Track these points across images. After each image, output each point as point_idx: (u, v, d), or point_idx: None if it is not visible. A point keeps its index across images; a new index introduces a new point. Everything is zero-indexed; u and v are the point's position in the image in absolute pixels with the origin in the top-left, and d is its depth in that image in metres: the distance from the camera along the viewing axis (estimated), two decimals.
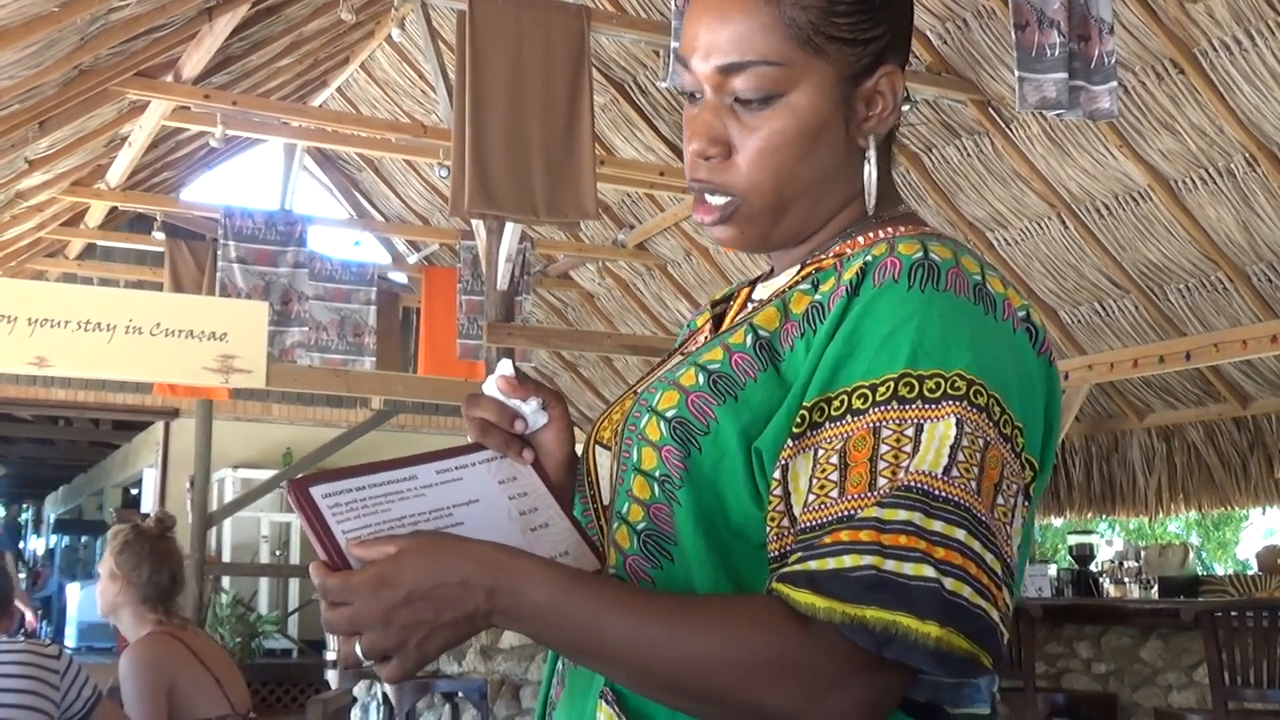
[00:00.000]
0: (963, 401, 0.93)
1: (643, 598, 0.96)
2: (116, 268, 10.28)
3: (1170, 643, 6.12)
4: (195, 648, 3.30)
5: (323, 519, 0.97)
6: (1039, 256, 7.24)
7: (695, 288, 9.60)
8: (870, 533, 0.89)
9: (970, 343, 0.96)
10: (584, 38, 5.63)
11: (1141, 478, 8.20)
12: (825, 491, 0.94)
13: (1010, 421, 0.95)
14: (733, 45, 1.06)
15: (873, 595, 0.87)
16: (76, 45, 5.93)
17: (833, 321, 0.99)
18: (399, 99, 9.78)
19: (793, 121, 1.06)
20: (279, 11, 7.45)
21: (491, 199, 5.35)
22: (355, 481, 1.00)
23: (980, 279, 1.01)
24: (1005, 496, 0.93)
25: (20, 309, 6.75)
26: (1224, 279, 6.68)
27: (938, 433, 0.92)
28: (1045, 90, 5.08)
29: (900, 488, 0.90)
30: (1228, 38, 5.61)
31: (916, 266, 0.99)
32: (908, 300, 0.97)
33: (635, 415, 1.07)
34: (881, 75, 1.08)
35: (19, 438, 15.59)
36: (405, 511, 1.00)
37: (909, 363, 0.95)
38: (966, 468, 0.91)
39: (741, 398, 1.01)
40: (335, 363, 8.98)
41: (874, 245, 1.04)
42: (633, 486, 1.05)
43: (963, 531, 0.88)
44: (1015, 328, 1.01)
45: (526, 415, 1.12)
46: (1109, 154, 6.41)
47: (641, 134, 8.36)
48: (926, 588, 0.86)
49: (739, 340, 1.05)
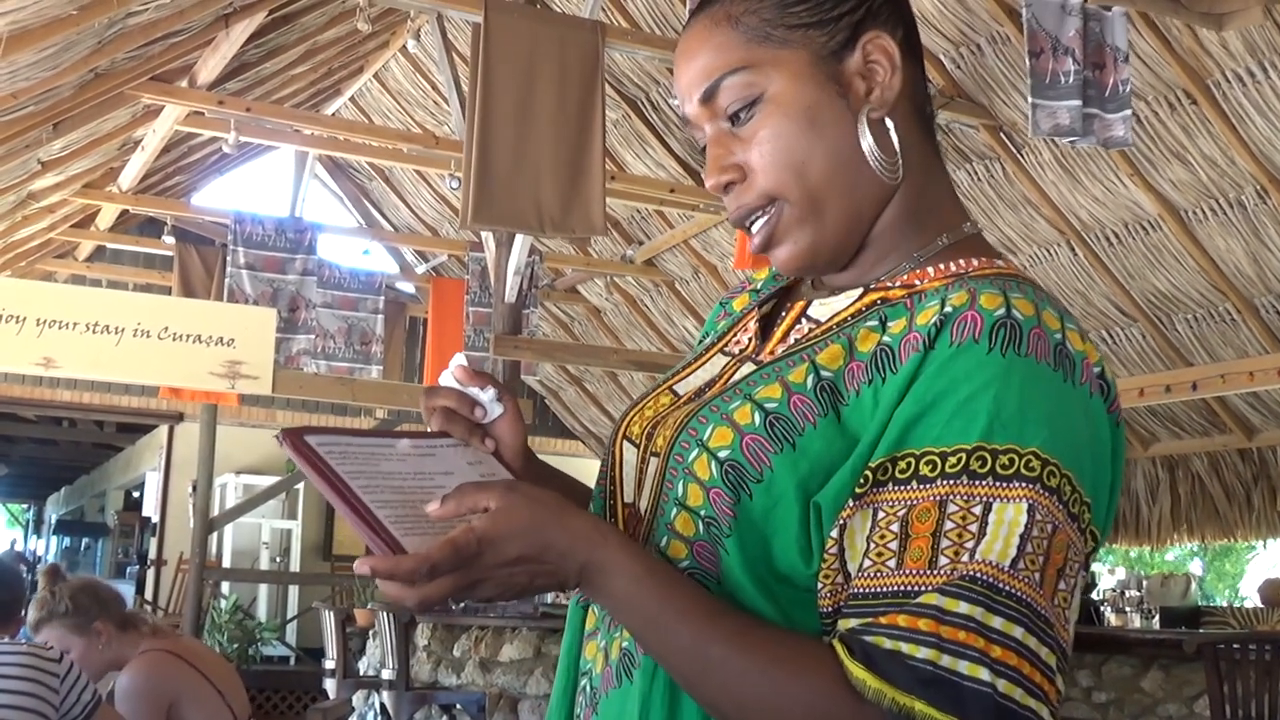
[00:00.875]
0: (1035, 485, 0.90)
1: (710, 612, 0.95)
2: (126, 270, 10.32)
3: (1171, 674, 6.07)
4: (194, 660, 3.30)
5: (325, 462, 0.98)
6: (1047, 283, 7.18)
7: (703, 305, 9.62)
8: (930, 623, 0.88)
9: (1048, 417, 0.93)
10: (598, 53, 5.64)
11: (1145, 507, 8.20)
12: (883, 560, 0.92)
13: (1079, 500, 0.93)
14: (702, 73, 1.08)
15: (924, 690, 0.86)
16: (93, 48, 5.97)
17: (906, 377, 0.96)
18: (411, 109, 9.82)
19: (782, 115, 1.05)
20: (295, 20, 7.51)
21: (496, 211, 5.36)
22: (341, 438, 1.02)
23: (1061, 338, 0.96)
24: (1067, 580, 0.92)
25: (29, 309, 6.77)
26: (1232, 310, 6.70)
27: (1007, 516, 0.90)
28: (1059, 117, 5.08)
29: (964, 577, 0.89)
30: (1241, 69, 5.65)
31: (999, 326, 0.95)
32: (987, 364, 0.94)
33: (683, 445, 1.04)
34: (865, 43, 1.06)
35: (22, 437, 15.60)
36: (392, 469, 1.02)
37: (984, 435, 0.92)
38: (1033, 559, 0.89)
39: (800, 446, 0.99)
40: (341, 371, 8.99)
41: (952, 291, 1.00)
42: (674, 521, 1.03)
43: (1020, 629, 0.87)
44: (1091, 391, 0.97)
45: (485, 403, 1.14)
46: (1120, 182, 6.43)
47: (653, 150, 8.40)
48: (980, 691, 0.85)
49: (799, 380, 1.02)
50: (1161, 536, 8.17)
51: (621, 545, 0.97)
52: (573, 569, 0.95)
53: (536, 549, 0.94)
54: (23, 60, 5.57)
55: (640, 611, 0.95)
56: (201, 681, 3.26)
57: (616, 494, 1.13)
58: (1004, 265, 1.05)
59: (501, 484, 0.98)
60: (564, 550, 0.95)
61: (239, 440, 11.99)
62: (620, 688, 1.04)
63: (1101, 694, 6.31)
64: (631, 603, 0.95)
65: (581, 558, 0.95)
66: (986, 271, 1.03)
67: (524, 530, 0.94)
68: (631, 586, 0.95)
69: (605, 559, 0.95)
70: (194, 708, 3.22)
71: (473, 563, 0.92)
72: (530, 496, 0.97)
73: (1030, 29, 4.94)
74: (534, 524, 0.94)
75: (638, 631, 0.97)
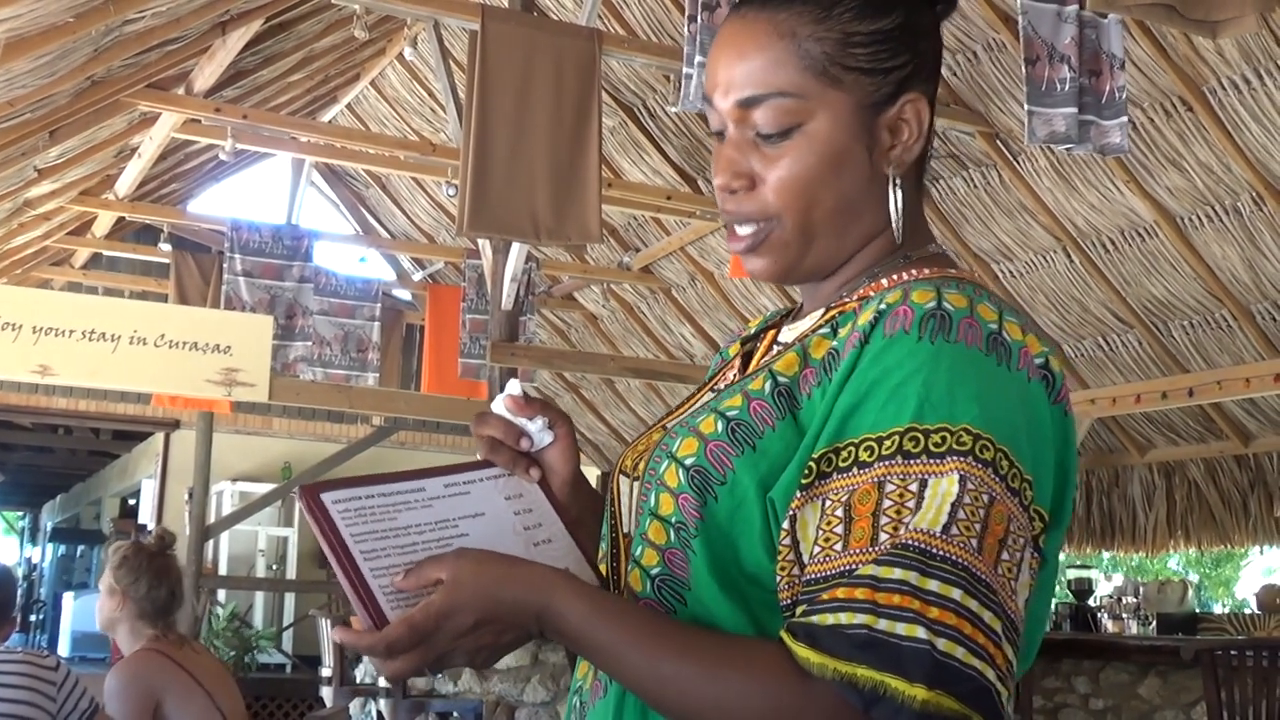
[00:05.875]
0: (967, 457, 0.93)
1: (656, 633, 0.98)
2: (122, 278, 10.30)
3: (1169, 680, 6.08)
4: (184, 663, 3.30)
5: (333, 524, 0.99)
6: (1044, 290, 7.26)
7: (699, 312, 9.62)
8: (866, 590, 0.89)
9: (978, 395, 0.96)
10: (595, 61, 5.65)
11: (1142, 513, 8.19)
12: (830, 544, 0.95)
13: (1019, 475, 0.95)
14: (749, 80, 1.08)
15: (863, 654, 0.87)
16: (90, 56, 5.98)
17: (844, 371, 1.00)
18: (408, 117, 9.83)
19: (812, 151, 1.07)
20: (291, 27, 7.52)
21: (493, 218, 5.37)
22: (364, 490, 1.03)
23: (996, 328, 1.00)
24: (1010, 552, 0.93)
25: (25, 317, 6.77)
26: (1228, 316, 6.69)
27: (940, 489, 0.92)
28: (1055, 124, 5.07)
29: (899, 546, 0.91)
30: (1237, 77, 5.65)
31: (928, 317, 0.99)
32: (916, 352, 0.97)
33: (656, 460, 1.09)
34: (905, 103, 1.09)
35: (18, 445, 15.59)
36: (411, 520, 1.03)
37: (915, 416, 0.95)
38: (967, 525, 0.91)
39: (760, 447, 1.02)
40: (338, 378, 8.99)
41: (890, 292, 1.04)
42: (648, 530, 1.07)
43: (959, 591, 0.88)
44: (1030, 376, 1.00)
45: (532, 433, 1.16)
46: (1116, 189, 6.43)
47: (649, 157, 8.40)
48: (917, 649, 0.86)
49: (758, 387, 1.05)
50: (1158, 543, 8.18)
51: (569, 587, 1.00)
52: (530, 619, 0.99)
53: (490, 611, 0.98)
54: (19, 68, 5.58)
55: (595, 645, 0.98)
56: (188, 681, 3.25)
57: (617, 527, 1.16)
58: (956, 273, 1.08)
59: (452, 555, 1.00)
60: (516, 605, 0.98)
61: (235, 447, 11.99)
62: (605, 698, 1.08)
63: (1099, 701, 6.31)
64: (585, 638, 0.98)
65: (535, 607, 0.98)
66: (933, 277, 1.06)
67: (473, 596, 0.97)
68: (583, 624, 0.98)
69: (555, 603, 0.98)
70: (180, 707, 3.21)
71: (432, 638, 0.96)
72: (477, 561, 1.00)
73: (1026, 36, 4.93)
74: (482, 589, 0.97)
75: (599, 663, 1.01)
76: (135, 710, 3.15)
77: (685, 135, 8.09)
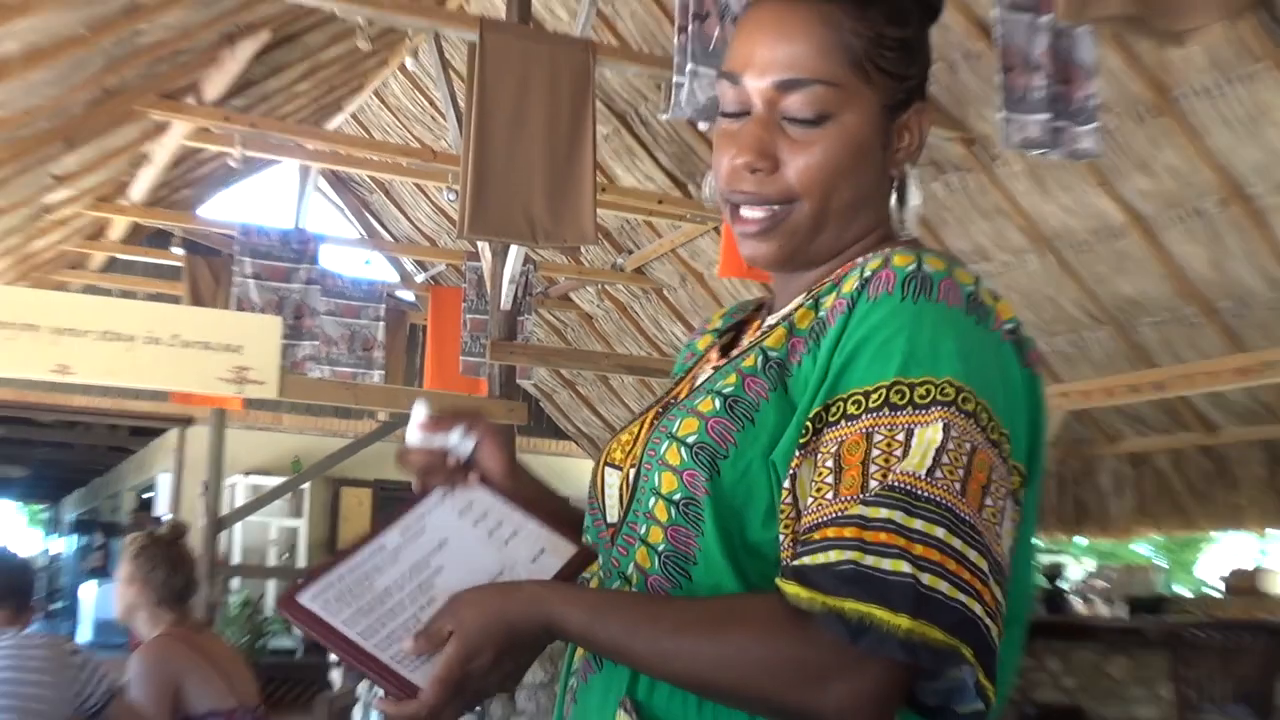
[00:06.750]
0: (950, 407, 0.95)
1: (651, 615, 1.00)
2: (137, 280, 10.22)
3: (1136, 659, 6.14)
4: (202, 647, 3.40)
5: (322, 621, 1.00)
6: (1019, 288, 7.24)
7: (690, 311, 9.66)
8: (853, 529, 0.91)
9: (959, 351, 0.98)
10: (589, 70, 5.65)
11: (1111, 500, 8.16)
12: (821, 494, 0.96)
13: (997, 428, 0.97)
14: (792, 63, 1.08)
15: (849, 588, 0.89)
16: (103, 67, 6.02)
17: (833, 336, 1.02)
18: (410, 124, 9.89)
19: (841, 141, 1.09)
20: (298, 39, 7.59)
21: (490, 222, 5.36)
22: (334, 574, 1.04)
23: (973, 289, 1.02)
24: (994, 499, 0.94)
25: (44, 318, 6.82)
26: (1195, 314, 6.71)
27: (926, 437, 0.94)
28: (1028, 130, 5.01)
29: (885, 488, 0.92)
30: (1204, 83, 5.65)
31: (910, 278, 1.01)
32: (900, 311, 0.99)
33: (655, 441, 1.10)
34: (914, 110, 1.14)
35: (39, 441, 15.55)
36: (389, 581, 1.04)
37: (900, 370, 0.97)
38: (951, 470, 0.92)
39: (758, 420, 1.04)
40: (345, 375, 9.00)
41: (870, 260, 1.06)
42: (653, 509, 1.07)
43: (942, 529, 0.90)
44: (1003, 338, 1.03)
45: (454, 446, 1.18)
46: (1088, 192, 6.44)
47: (641, 163, 8.45)
48: (902, 582, 0.88)
49: (750, 364, 1.08)
50: (1126, 529, 8.19)
51: (564, 593, 1.04)
52: (539, 633, 1.01)
53: (505, 641, 1.00)
54: (35, 79, 5.62)
55: (599, 640, 1.01)
56: (206, 665, 3.34)
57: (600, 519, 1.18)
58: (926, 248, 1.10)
59: (450, 604, 1.02)
60: (524, 627, 1.01)
61: (247, 442, 12.06)
62: (597, 672, 1.11)
63: (1070, 679, 6.37)
64: (590, 636, 1.01)
65: (540, 620, 1.01)
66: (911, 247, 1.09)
67: (485, 635, 0.99)
68: (584, 628, 1.00)
69: (555, 611, 1.01)
70: (198, 689, 3.29)
71: (464, 684, 0.99)
72: (474, 602, 1.02)
73: (1003, 46, 4.92)
74: (490, 625, 1.00)
75: (609, 656, 1.04)
76: (158, 693, 3.23)
77: (676, 142, 8.12)
